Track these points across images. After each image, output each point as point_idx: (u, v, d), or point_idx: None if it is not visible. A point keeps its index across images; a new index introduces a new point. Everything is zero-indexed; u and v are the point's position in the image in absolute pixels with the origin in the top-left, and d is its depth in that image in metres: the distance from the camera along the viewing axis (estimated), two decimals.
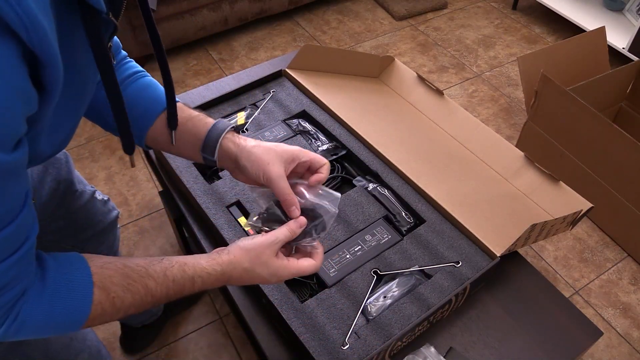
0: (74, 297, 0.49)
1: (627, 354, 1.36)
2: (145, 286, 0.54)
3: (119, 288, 0.52)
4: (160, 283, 0.55)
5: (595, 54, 1.80)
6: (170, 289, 0.56)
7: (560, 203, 0.99)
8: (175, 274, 0.56)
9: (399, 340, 0.78)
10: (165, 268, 0.56)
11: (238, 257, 0.59)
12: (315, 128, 1.11)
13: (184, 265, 0.57)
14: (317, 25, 2.43)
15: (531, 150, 1.70)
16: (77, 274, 0.50)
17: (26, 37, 0.35)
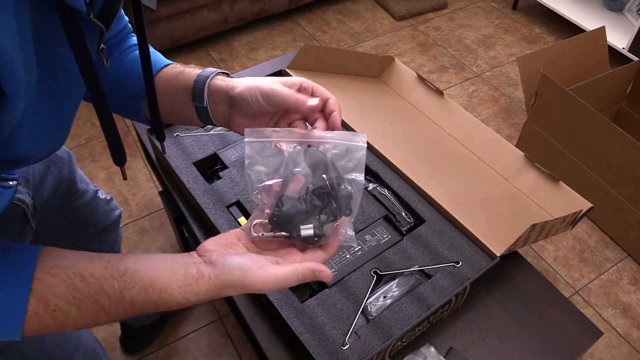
0: (5, 304, 0.44)
1: (627, 354, 1.36)
2: (96, 302, 0.47)
3: (62, 301, 0.45)
4: (115, 302, 0.47)
5: (595, 54, 1.81)
6: (128, 310, 0.48)
7: (560, 203, 0.99)
8: (135, 295, 0.48)
9: (399, 340, 0.78)
10: (123, 287, 0.47)
11: (220, 288, 0.49)
12: None
13: (149, 287, 0.48)
14: (317, 25, 2.43)
15: (531, 150, 1.70)
16: (14, 278, 0.45)
17: None
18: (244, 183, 0.97)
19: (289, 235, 0.51)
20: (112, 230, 1.01)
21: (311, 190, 0.51)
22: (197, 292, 0.49)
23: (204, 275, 0.49)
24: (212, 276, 0.49)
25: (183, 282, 0.49)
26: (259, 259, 0.50)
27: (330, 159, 0.51)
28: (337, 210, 0.51)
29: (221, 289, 0.49)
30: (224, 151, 1.04)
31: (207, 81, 0.57)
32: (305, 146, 0.52)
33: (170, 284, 0.48)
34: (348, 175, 0.51)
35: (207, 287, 0.49)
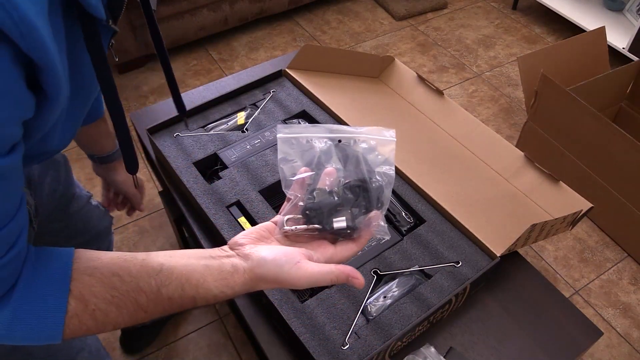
0: (45, 305, 0.44)
1: (627, 354, 1.36)
2: (134, 301, 0.47)
3: (101, 301, 0.46)
4: (153, 300, 0.48)
5: (595, 54, 1.80)
6: (166, 306, 0.49)
7: (560, 203, 0.99)
8: (172, 292, 0.48)
9: (399, 340, 0.78)
10: (160, 284, 0.48)
11: (255, 281, 0.50)
12: None
13: (185, 283, 0.48)
14: (317, 25, 2.43)
15: (531, 150, 1.70)
16: (53, 280, 0.45)
17: (21, 42, 0.35)
18: (244, 183, 0.97)
19: (322, 228, 0.51)
20: (105, 237, 1.02)
21: (343, 183, 0.51)
22: (232, 286, 0.49)
23: (239, 269, 0.49)
24: (247, 270, 0.50)
25: (218, 276, 0.49)
26: (294, 254, 0.50)
27: (361, 153, 0.51)
28: (369, 203, 0.51)
29: (256, 282, 0.50)
30: (224, 151, 1.04)
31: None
32: (337, 141, 0.53)
33: (206, 278, 0.49)
34: (379, 168, 0.51)
35: (243, 280, 0.49)
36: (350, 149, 0.52)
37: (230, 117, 1.13)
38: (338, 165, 0.52)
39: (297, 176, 0.51)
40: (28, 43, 0.35)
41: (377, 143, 0.52)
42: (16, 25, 0.34)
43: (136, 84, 2.08)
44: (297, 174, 0.51)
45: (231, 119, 1.13)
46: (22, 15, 0.34)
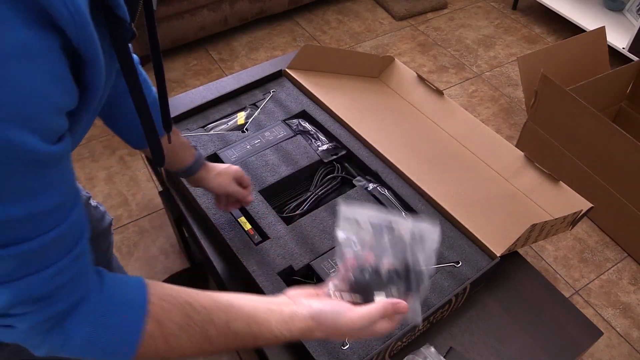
0: (124, 324, 0.46)
1: (627, 354, 1.36)
2: (204, 331, 0.50)
3: (176, 326, 0.48)
4: (222, 333, 0.51)
5: (595, 54, 1.80)
6: (230, 341, 0.52)
7: (560, 203, 0.99)
8: (239, 327, 0.51)
9: (399, 340, 0.78)
10: (229, 319, 0.51)
11: (313, 328, 0.54)
12: (315, 128, 1.11)
13: (251, 320, 0.52)
14: (317, 25, 2.43)
15: (531, 150, 1.70)
16: (134, 301, 0.47)
17: (74, 34, 0.35)
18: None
19: (364, 299, 0.56)
20: (105, 238, 1.01)
21: (388, 266, 0.56)
22: (291, 329, 0.53)
23: (298, 315, 0.54)
24: (307, 316, 0.54)
25: (280, 318, 0.53)
26: (344, 304, 0.55)
27: (409, 242, 0.57)
28: (408, 285, 0.56)
29: (312, 329, 0.54)
30: (224, 151, 1.04)
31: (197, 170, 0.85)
32: (390, 226, 0.58)
33: (269, 319, 0.53)
34: (422, 260, 0.56)
35: (301, 325, 0.54)
36: (399, 236, 0.57)
37: (230, 117, 1.13)
38: (387, 248, 0.57)
39: (354, 251, 0.57)
40: (79, 35, 0.35)
41: (422, 236, 0.57)
42: (71, 15, 0.34)
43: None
44: (352, 249, 0.57)
45: (231, 119, 1.13)
46: (77, 7, 0.34)
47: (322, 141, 1.09)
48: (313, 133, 1.10)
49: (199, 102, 1.14)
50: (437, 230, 0.57)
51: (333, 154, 1.06)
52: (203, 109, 1.14)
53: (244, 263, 0.86)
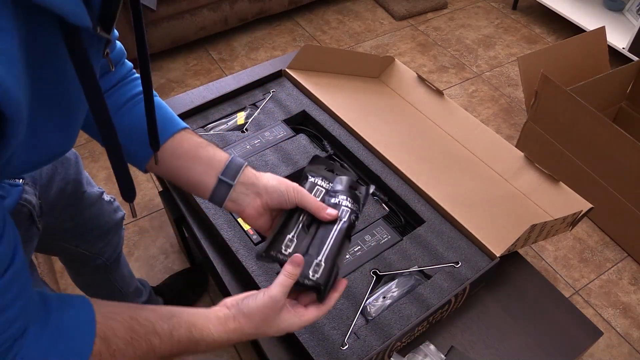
0: (74, 345, 0.47)
1: (627, 354, 1.36)
2: (149, 342, 0.52)
3: (122, 341, 0.50)
4: (165, 342, 0.53)
5: (595, 54, 1.80)
6: (174, 349, 0.54)
7: (560, 203, 0.99)
8: (182, 335, 0.54)
9: (399, 341, 0.78)
10: (172, 327, 0.54)
11: (243, 324, 0.57)
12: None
13: (192, 327, 0.55)
14: (317, 25, 2.43)
15: (531, 150, 1.70)
16: (80, 321, 0.48)
17: None
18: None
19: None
20: (116, 232, 1.01)
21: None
22: (228, 331, 0.57)
23: (229, 316, 0.57)
24: (237, 314, 0.57)
25: (217, 322, 0.57)
26: (261, 290, 0.58)
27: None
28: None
29: (248, 326, 0.57)
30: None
31: (243, 165, 0.64)
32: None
33: (208, 324, 0.56)
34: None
35: (234, 326, 0.57)
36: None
37: (230, 117, 1.13)
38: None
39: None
40: (3, 103, 0.33)
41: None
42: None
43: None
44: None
45: (231, 119, 1.13)
46: (5, 87, 0.32)
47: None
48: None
49: (199, 102, 1.14)
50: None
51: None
52: (203, 109, 1.14)
53: (244, 263, 0.86)
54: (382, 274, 0.86)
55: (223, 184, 0.63)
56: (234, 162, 0.64)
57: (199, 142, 0.65)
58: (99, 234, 0.97)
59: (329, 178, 0.68)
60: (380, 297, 0.83)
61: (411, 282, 0.85)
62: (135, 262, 1.50)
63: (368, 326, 0.79)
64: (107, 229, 0.98)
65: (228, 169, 0.63)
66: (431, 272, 0.87)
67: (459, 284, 0.85)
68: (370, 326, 0.79)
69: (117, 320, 0.51)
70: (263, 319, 0.57)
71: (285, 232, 0.62)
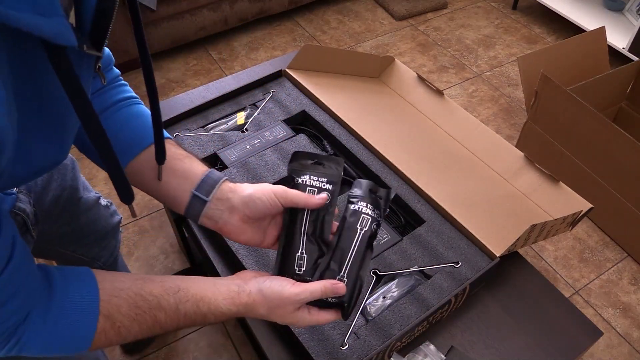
0: (78, 325, 0.48)
1: (627, 354, 1.36)
2: (154, 317, 0.52)
3: (126, 318, 0.51)
4: (171, 316, 0.53)
5: (595, 54, 1.80)
6: (180, 322, 0.55)
7: (560, 203, 0.99)
8: (188, 309, 0.54)
9: (399, 341, 0.78)
10: (178, 301, 0.54)
11: (257, 302, 0.56)
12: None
13: (199, 300, 0.55)
14: (317, 25, 2.43)
15: (531, 150, 1.70)
16: (83, 300, 0.49)
17: None
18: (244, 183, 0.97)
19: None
20: (112, 237, 1.01)
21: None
22: (237, 304, 0.56)
23: (245, 290, 0.57)
24: (254, 291, 0.57)
25: (227, 295, 0.56)
26: (290, 280, 0.58)
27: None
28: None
29: (256, 303, 0.56)
30: (223, 151, 1.04)
31: (220, 180, 0.60)
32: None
33: (216, 297, 0.55)
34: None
35: (247, 300, 0.56)
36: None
37: (230, 117, 1.13)
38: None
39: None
40: None
41: None
42: None
43: (136, 84, 2.08)
44: None
45: (231, 119, 1.13)
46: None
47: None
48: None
49: (199, 102, 1.14)
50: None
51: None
52: (203, 109, 1.14)
53: (244, 263, 0.86)
54: (382, 274, 0.86)
55: (197, 200, 0.59)
56: (210, 177, 0.60)
57: (177, 154, 0.62)
58: (96, 238, 0.96)
59: (318, 172, 0.63)
60: (380, 297, 0.83)
61: (411, 282, 0.85)
62: (135, 262, 1.50)
63: (368, 326, 0.79)
64: (103, 234, 0.98)
65: (203, 183, 0.59)
66: (431, 272, 0.87)
67: (459, 284, 0.85)
68: (370, 326, 0.79)
69: (122, 297, 0.51)
70: (279, 306, 0.56)
71: (292, 250, 0.59)
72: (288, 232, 0.60)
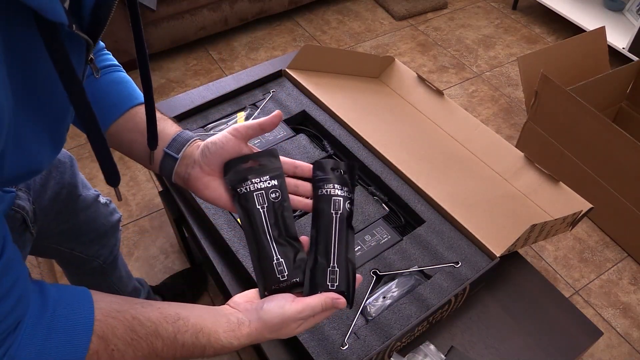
0: (70, 343, 0.46)
1: (627, 354, 1.36)
2: (150, 345, 0.50)
3: (121, 342, 0.48)
4: (168, 345, 0.51)
5: (595, 54, 1.80)
6: (177, 353, 0.52)
7: (560, 203, 0.99)
8: (187, 339, 0.52)
9: (399, 341, 0.78)
10: (177, 331, 0.52)
11: (260, 330, 0.55)
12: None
13: (199, 332, 0.53)
14: (317, 25, 2.43)
15: (531, 150, 1.70)
16: (78, 318, 0.47)
17: None
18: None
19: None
20: (112, 235, 1.01)
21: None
22: (239, 337, 0.54)
23: (244, 321, 0.55)
24: (253, 320, 0.55)
25: (227, 327, 0.54)
26: (287, 296, 0.55)
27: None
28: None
29: (261, 332, 0.54)
30: None
31: (191, 139, 0.61)
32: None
33: (217, 329, 0.53)
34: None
35: (248, 331, 0.54)
36: None
37: (230, 117, 1.13)
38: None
39: None
40: None
41: None
42: None
43: (136, 84, 2.08)
44: None
45: (231, 119, 1.13)
46: None
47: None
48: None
49: (199, 102, 1.14)
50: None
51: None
52: (203, 109, 1.14)
53: (244, 263, 0.86)
54: (382, 274, 0.86)
55: (169, 157, 0.61)
56: (181, 136, 0.62)
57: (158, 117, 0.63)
58: (95, 237, 0.96)
59: (257, 172, 0.60)
60: (380, 297, 0.83)
61: (411, 282, 0.85)
62: (135, 262, 1.50)
63: (368, 326, 0.79)
64: (102, 232, 0.98)
65: (174, 142, 0.61)
66: (431, 272, 0.87)
67: (459, 284, 0.85)
68: (370, 326, 0.79)
69: (118, 319, 0.49)
70: (282, 328, 0.55)
71: (268, 261, 0.57)
72: (256, 244, 0.58)
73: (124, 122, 0.63)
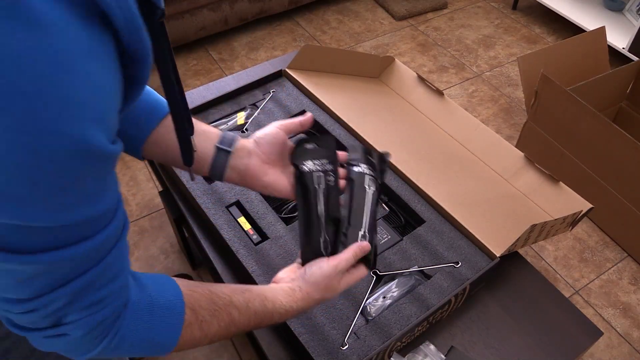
0: (171, 315, 0.49)
1: (627, 354, 1.36)
2: (229, 314, 0.54)
3: (207, 312, 0.52)
4: (244, 313, 0.55)
5: (595, 54, 1.80)
6: (251, 321, 0.56)
7: (560, 203, 0.99)
8: (257, 307, 0.57)
9: (399, 341, 0.78)
10: (247, 300, 0.56)
11: (310, 292, 0.60)
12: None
13: (265, 299, 0.58)
14: (317, 25, 2.43)
15: (531, 150, 1.70)
16: (170, 292, 0.50)
17: (126, 36, 0.34)
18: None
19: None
20: None
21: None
22: (296, 300, 0.60)
23: (295, 288, 0.61)
24: (302, 285, 0.60)
25: (284, 294, 0.60)
26: (324, 259, 0.61)
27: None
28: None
29: (311, 294, 0.60)
30: None
31: (237, 136, 0.65)
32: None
33: (277, 296, 0.59)
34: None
35: (301, 295, 0.60)
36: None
37: (230, 117, 1.13)
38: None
39: None
40: (132, 38, 0.34)
41: None
42: (125, 19, 0.33)
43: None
44: None
45: (231, 119, 1.13)
46: (131, 11, 0.33)
47: None
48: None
49: (199, 102, 1.14)
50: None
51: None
52: (203, 109, 1.14)
53: (244, 263, 0.86)
54: (382, 274, 0.86)
55: (222, 152, 0.63)
56: (227, 134, 0.66)
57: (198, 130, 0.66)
58: None
59: (318, 154, 0.67)
60: (380, 297, 0.83)
61: (411, 282, 0.85)
62: (135, 262, 1.50)
63: (368, 326, 0.79)
64: None
65: (223, 138, 0.64)
66: (431, 272, 0.87)
67: (459, 284, 0.85)
68: (370, 326, 0.79)
69: (199, 292, 0.52)
70: (327, 285, 0.60)
71: (314, 236, 0.63)
72: (308, 220, 0.64)
73: (164, 128, 0.64)
